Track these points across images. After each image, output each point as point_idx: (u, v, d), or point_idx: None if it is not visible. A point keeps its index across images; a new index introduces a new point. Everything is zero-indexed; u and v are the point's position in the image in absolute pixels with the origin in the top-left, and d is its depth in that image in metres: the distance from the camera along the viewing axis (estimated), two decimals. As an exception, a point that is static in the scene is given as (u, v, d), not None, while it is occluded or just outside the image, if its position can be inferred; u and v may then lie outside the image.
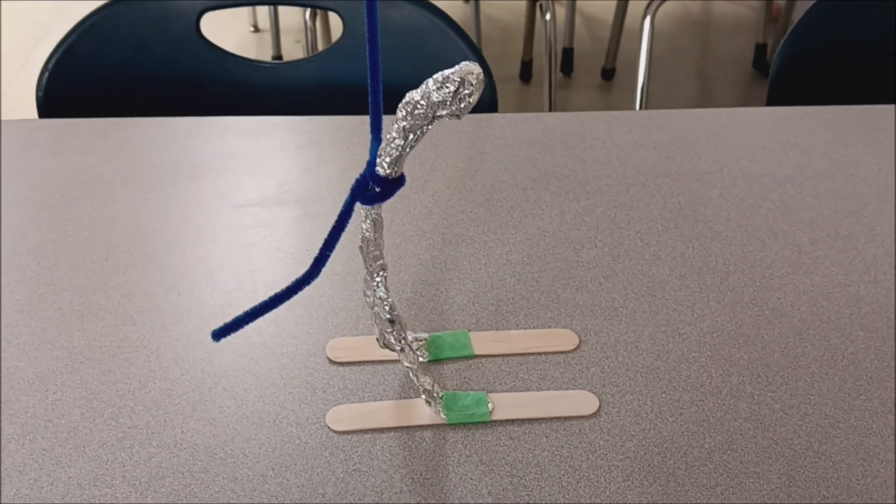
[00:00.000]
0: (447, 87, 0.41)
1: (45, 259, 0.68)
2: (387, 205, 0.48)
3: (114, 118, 0.86)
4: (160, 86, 0.97)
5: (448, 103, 0.41)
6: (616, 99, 2.41)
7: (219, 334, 0.40)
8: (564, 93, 2.43)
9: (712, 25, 2.79)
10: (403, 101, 0.42)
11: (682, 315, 0.63)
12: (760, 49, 2.53)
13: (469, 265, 0.68)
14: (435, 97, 0.41)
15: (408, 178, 0.46)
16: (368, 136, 0.46)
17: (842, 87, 1.02)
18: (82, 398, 0.57)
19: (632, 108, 2.01)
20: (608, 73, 2.46)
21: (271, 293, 0.66)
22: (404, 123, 0.43)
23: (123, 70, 0.96)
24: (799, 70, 1.00)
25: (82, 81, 0.94)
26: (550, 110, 2.13)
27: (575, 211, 0.73)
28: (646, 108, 1.91)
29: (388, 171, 0.45)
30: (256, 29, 2.67)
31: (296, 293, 0.43)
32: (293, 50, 2.53)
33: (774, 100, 1.00)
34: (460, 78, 0.40)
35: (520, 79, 2.45)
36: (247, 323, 0.43)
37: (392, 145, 0.44)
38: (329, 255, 0.44)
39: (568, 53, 2.48)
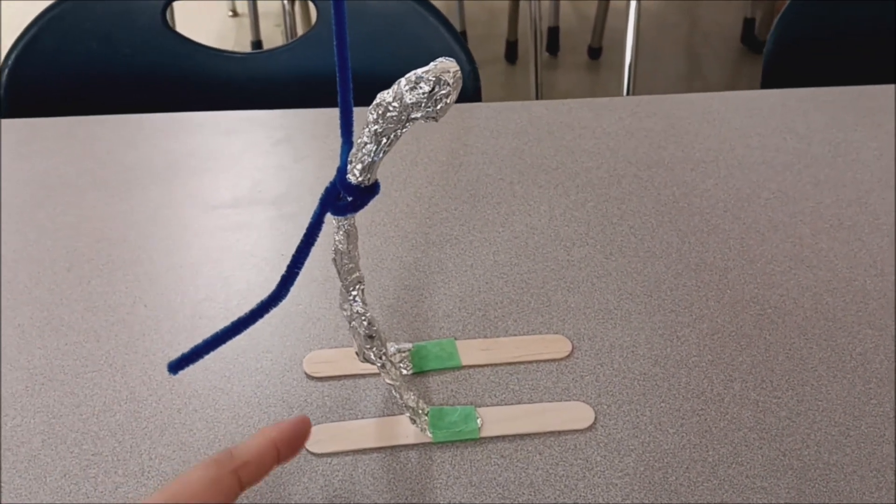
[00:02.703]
0: (421, 88, 0.37)
1: (3, 271, 0.64)
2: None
3: (78, 116, 0.81)
4: (127, 81, 0.92)
5: (423, 105, 0.37)
6: (603, 78, 2.37)
7: (175, 367, 0.37)
8: (551, 73, 2.39)
9: (699, 0, 2.75)
10: (374, 103, 0.39)
11: (680, 316, 0.60)
12: (749, 24, 2.49)
13: (454, 267, 0.64)
14: (408, 99, 0.37)
15: (386, 174, 0.43)
16: (346, 131, 0.42)
17: (839, 67, 0.98)
18: (43, 423, 0.53)
19: (620, 87, 1.97)
20: (595, 52, 2.41)
21: (245, 302, 0.62)
22: (376, 127, 0.39)
23: (88, 65, 0.91)
24: (793, 50, 0.96)
25: (44, 78, 0.90)
26: (537, 91, 2.09)
27: (565, 206, 0.69)
28: (634, 86, 1.87)
29: (360, 179, 0.41)
30: (235, 14, 2.61)
31: (261, 316, 0.39)
32: (273, 34, 2.48)
33: (769, 82, 0.96)
34: (435, 77, 0.37)
35: (505, 59, 2.41)
36: (207, 352, 0.39)
37: (363, 151, 0.40)
38: (298, 273, 0.40)
39: (554, 32, 2.44)
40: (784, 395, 0.55)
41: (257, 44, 2.37)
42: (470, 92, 0.90)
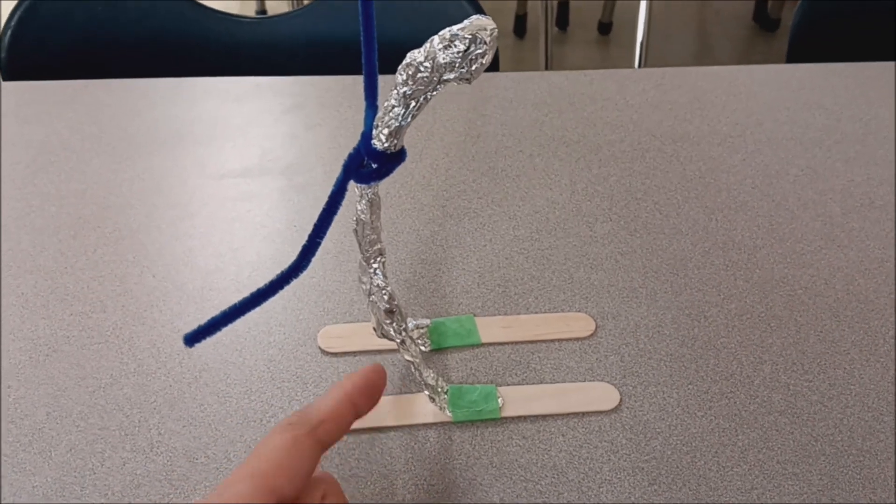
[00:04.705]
0: (456, 47, 0.34)
1: (6, 238, 0.62)
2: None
3: (83, 80, 0.79)
4: (133, 44, 0.89)
5: (457, 65, 0.35)
6: (613, 54, 2.33)
7: (191, 339, 0.35)
8: (560, 48, 2.35)
9: (712, -23, 2.71)
10: (404, 62, 0.36)
11: (708, 296, 0.58)
12: (762, 2, 2.45)
13: (472, 242, 0.62)
14: (441, 58, 0.35)
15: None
16: (360, 98, 0.40)
17: (868, 41, 0.96)
18: (48, 395, 0.51)
19: (630, 63, 1.94)
20: (605, 28, 2.38)
21: (255, 274, 0.60)
22: (405, 89, 0.37)
23: (93, 27, 0.88)
24: (821, 23, 0.93)
25: (48, 40, 0.87)
26: (547, 67, 2.05)
27: (587, 180, 0.67)
28: (645, 63, 1.84)
29: (386, 145, 0.39)
30: (240, -17, 2.57)
31: (281, 288, 0.37)
32: (278, 5, 2.44)
33: (795, 56, 0.93)
34: (471, 35, 0.34)
35: (514, 34, 2.37)
36: (225, 325, 0.37)
37: (390, 115, 0.38)
38: (320, 243, 0.38)
39: (564, 7, 2.40)
40: (816, 378, 0.53)
41: (262, 13, 2.33)
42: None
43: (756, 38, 2.42)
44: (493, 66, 0.88)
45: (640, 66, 1.85)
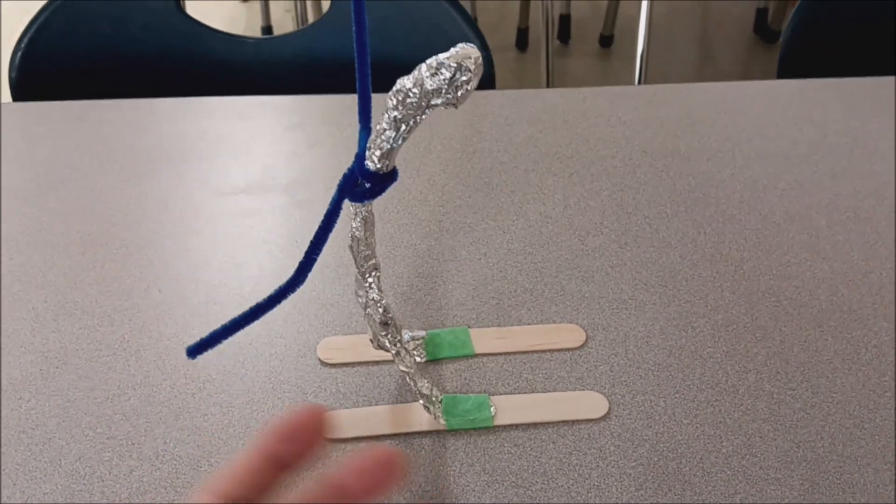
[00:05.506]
0: (442, 74, 0.36)
1: (17, 254, 0.64)
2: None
3: (90, 101, 0.81)
4: (139, 64, 0.92)
5: (443, 92, 0.37)
6: (615, 67, 2.35)
7: (194, 351, 0.37)
8: (562, 61, 2.37)
9: (712, -10, 2.73)
10: (394, 89, 0.38)
11: (695, 307, 0.59)
12: (762, 13, 2.47)
13: (468, 256, 0.64)
14: (428, 85, 0.37)
15: (400, 161, 0.42)
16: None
17: (858, 57, 0.98)
18: (58, 406, 0.53)
19: (631, 75, 1.95)
20: (606, 40, 2.40)
21: (258, 288, 0.62)
22: (395, 113, 0.39)
23: (100, 48, 0.91)
24: (811, 40, 0.95)
25: (57, 61, 0.90)
26: (548, 80, 2.08)
27: (579, 195, 0.69)
28: (646, 75, 1.86)
29: (378, 166, 0.41)
30: (245, -2, 2.60)
31: (279, 302, 0.39)
32: (283, 20, 2.47)
33: (786, 72, 0.95)
34: (456, 63, 0.36)
35: (516, 47, 2.40)
36: (225, 338, 0.39)
37: (382, 137, 0.40)
38: (315, 259, 0.40)
39: (565, 20, 2.42)
40: (799, 386, 0.54)
41: (267, 29, 2.36)
42: (484, 78, 0.89)
43: (756, 50, 2.44)
44: (490, 84, 0.90)
45: (640, 78, 1.87)
